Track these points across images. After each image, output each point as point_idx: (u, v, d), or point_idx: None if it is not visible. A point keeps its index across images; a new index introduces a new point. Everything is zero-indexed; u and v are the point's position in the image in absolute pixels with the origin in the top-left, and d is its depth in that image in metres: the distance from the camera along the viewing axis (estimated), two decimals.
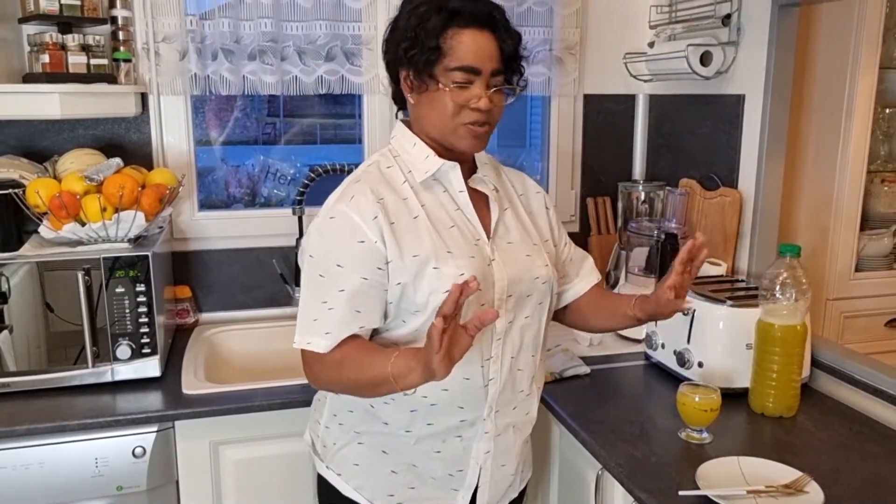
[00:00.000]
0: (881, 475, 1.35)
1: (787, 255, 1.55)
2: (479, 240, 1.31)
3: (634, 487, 1.33)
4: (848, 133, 2.15)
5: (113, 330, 1.73)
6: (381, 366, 1.17)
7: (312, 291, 1.27)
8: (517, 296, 1.33)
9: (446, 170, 1.32)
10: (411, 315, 1.27)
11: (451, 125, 1.27)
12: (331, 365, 1.25)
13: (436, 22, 1.23)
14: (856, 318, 2.29)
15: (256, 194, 2.63)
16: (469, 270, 1.25)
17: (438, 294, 1.23)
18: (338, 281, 1.23)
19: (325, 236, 1.27)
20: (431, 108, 1.28)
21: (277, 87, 2.12)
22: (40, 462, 1.58)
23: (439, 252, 1.25)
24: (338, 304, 1.23)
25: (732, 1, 1.96)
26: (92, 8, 1.90)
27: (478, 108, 1.25)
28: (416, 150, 1.32)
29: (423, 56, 1.23)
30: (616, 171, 2.49)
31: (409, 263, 1.24)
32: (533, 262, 1.36)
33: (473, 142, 1.29)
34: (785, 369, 1.56)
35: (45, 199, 1.69)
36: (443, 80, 1.24)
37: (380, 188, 1.27)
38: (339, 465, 1.39)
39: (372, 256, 1.23)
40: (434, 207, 1.30)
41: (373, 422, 1.33)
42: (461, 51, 1.23)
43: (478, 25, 1.24)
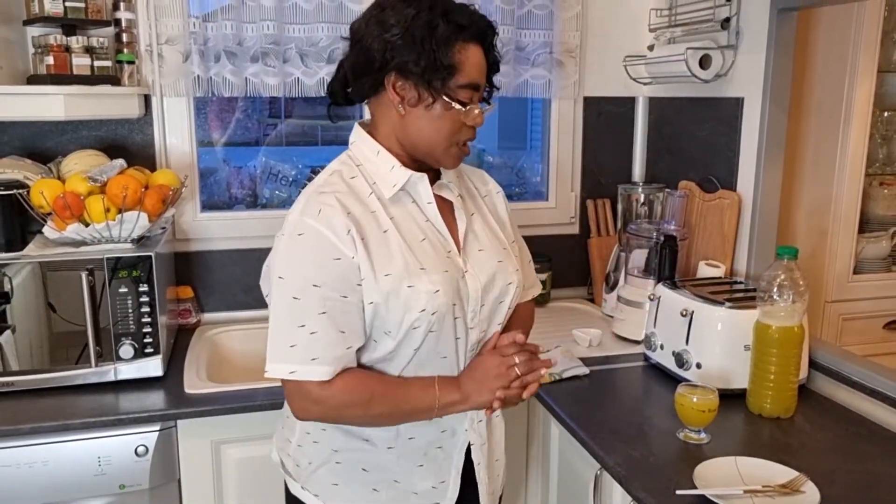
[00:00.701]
0: (877, 476, 1.36)
1: (785, 258, 1.56)
2: (450, 251, 1.25)
3: (632, 487, 1.34)
4: (846, 136, 2.16)
5: (116, 330, 1.74)
6: (423, 399, 1.22)
7: (286, 315, 1.17)
8: (491, 304, 1.29)
9: (414, 181, 1.24)
10: (383, 335, 1.21)
11: (445, 143, 1.22)
12: (354, 401, 1.20)
13: (446, 34, 1.16)
14: (854, 320, 2.30)
15: (258, 195, 2.63)
16: (443, 286, 1.20)
17: (413, 312, 1.17)
18: (316, 302, 1.15)
19: (295, 255, 1.17)
20: (429, 123, 1.21)
21: (279, 89, 2.13)
22: (44, 460, 1.59)
23: (412, 269, 1.19)
24: (321, 328, 1.15)
25: (731, 5, 1.97)
26: (96, 10, 1.92)
27: (474, 126, 1.23)
28: (379, 160, 1.24)
29: (437, 71, 1.16)
30: (616, 174, 2.50)
31: (382, 282, 1.17)
32: (504, 267, 1.31)
33: (459, 161, 1.26)
34: (782, 370, 1.57)
35: (49, 200, 1.70)
36: (454, 99, 1.18)
37: (346, 200, 1.19)
38: (315, 485, 1.32)
39: (350, 273, 1.16)
40: (403, 220, 1.23)
41: (351, 440, 1.28)
42: (468, 67, 1.18)
43: (478, 41, 1.20)
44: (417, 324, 1.19)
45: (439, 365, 1.26)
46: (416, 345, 1.21)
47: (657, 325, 1.85)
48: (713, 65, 2.02)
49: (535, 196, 2.58)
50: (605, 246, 2.45)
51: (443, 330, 1.22)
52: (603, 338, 2.07)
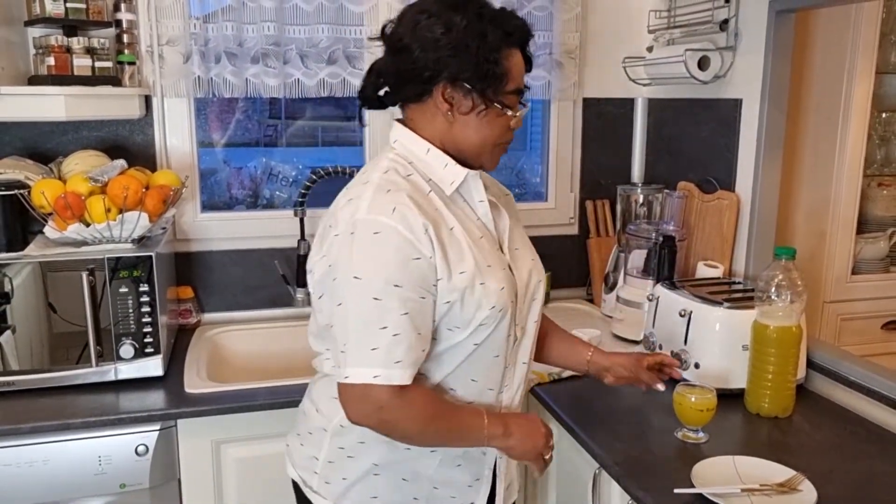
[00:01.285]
0: (874, 475, 1.36)
1: (783, 258, 1.57)
2: (498, 250, 1.28)
3: (631, 486, 1.35)
4: (845, 137, 2.17)
5: (116, 329, 1.75)
6: (474, 427, 1.23)
7: (366, 317, 1.12)
8: (528, 301, 1.32)
9: (469, 179, 1.25)
10: (449, 331, 1.20)
11: (490, 145, 1.24)
12: (420, 412, 1.18)
13: (496, 41, 1.17)
14: (853, 320, 2.31)
15: (258, 196, 2.64)
16: (506, 283, 1.22)
17: (484, 309, 1.18)
18: (398, 303, 1.12)
19: (373, 254, 1.12)
20: (478, 128, 1.22)
21: (280, 90, 2.14)
22: (44, 459, 1.60)
23: (482, 266, 1.19)
24: (403, 329, 1.12)
25: (730, 6, 1.98)
26: (97, 11, 1.92)
27: (515, 128, 1.26)
28: (430, 158, 1.23)
29: (492, 79, 1.17)
30: (615, 174, 2.50)
31: (458, 280, 1.16)
32: (536, 265, 1.36)
33: (497, 162, 1.29)
34: (780, 370, 1.58)
35: (50, 200, 1.71)
36: (507, 104, 1.21)
37: (416, 198, 1.17)
38: (351, 500, 1.29)
39: (429, 274, 1.14)
40: (462, 218, 1.23)
41: (393, 451, 1.25)
42: (515, 72, 1.21)
43: (519, 45, 1.23)
44: (486, 321, 1.20)
45: (490, 363, 1.27)
46: (479, 340, 1.22)
47: (656, 325, 1.85)
48: (712, 66, 2.03)
49: (534, 197, 2.59)
50: (604, 246, 2.46)
51: (502, 327, 1.24)
52: (602, 338, 2.07)
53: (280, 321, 2.26)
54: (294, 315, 2.28)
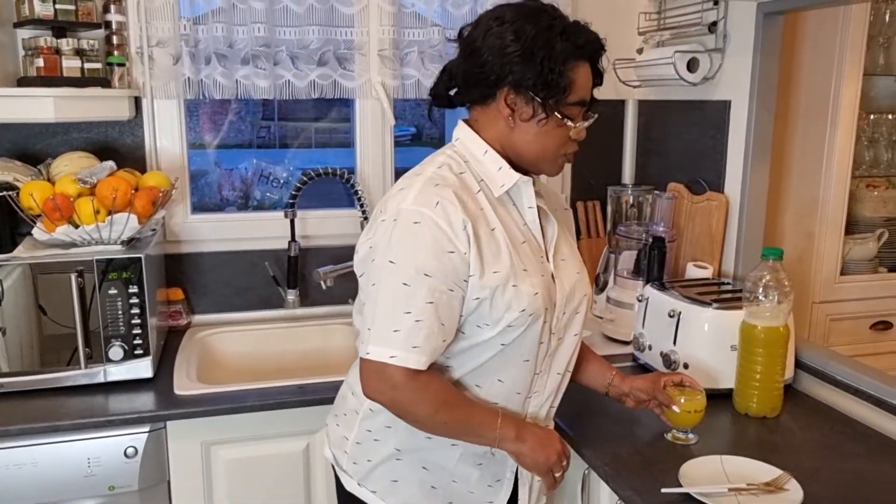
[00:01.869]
0: (861, 474, 1.37)
1: (770, 258, 1.58)
2: (542, 257, 1.30)
3: (619, 486, 1.35)
4: (833, 138, 2.18)
5: (106, 331, 1.75)
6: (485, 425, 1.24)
7: (394, 300, 1.17)
8: (570, 313, 1.33)
9: (520, 184, 1.27)
10: (478, 328, 1.23)
11: (552, 156, 1.27)
12: (432, 396, 1.21)
13: (564, 53, 1.20)
14: (841, 320, 2.32)
15: (249, 197, 2.64)
16: (541, 289, 1.24)
17: (514, 311, 1.21)
18: (425, 291, 1.16)
19: (410, 243, 1.17)
20: (538, 137, 1.24)
21: (270, 92, 2.14)
22: (33, 462, 1.59)
23: (517, 269, 1.22)
24: (426, 317, 1.16)
25: (719, 9, 1.99)
26: (86, 13, 1.92)
27: (577, 140, 1.27)
28: (487, 159, 1.27)
29: (555, 89, 1.20)
30: (606, 176, 2.51)
31: (490, 279, 1.19)
32: (582, 278, 1.37)
33: (560, 170, 1.31)
34: (768, 370, 1.59)
35: (38, 202, 1.71)
36: (568, 116, 1.23)
37: (462, 194, 1.21)
38: (374, 482, 1.34)
39: (461, 268, 1.18)
40: (507, 221, 1.26)
41: (415, 438, 1.28)
42: (580, 85, 1.23)
43: (588, 59, 1.25)
44: (515, 322, 1.22)
45: (519, 367, 1.29)
46: (507, 341, 1.24)
47: (646, 325, 1.86)
48: (701, 68, 2.04)
49: None
50: (594, 247, 2.46)
51: (532, 332, 1.26)
52: (592, 338, 2.08)
53: (270, 323, 2.26)
54: (285, 317, 2.28)
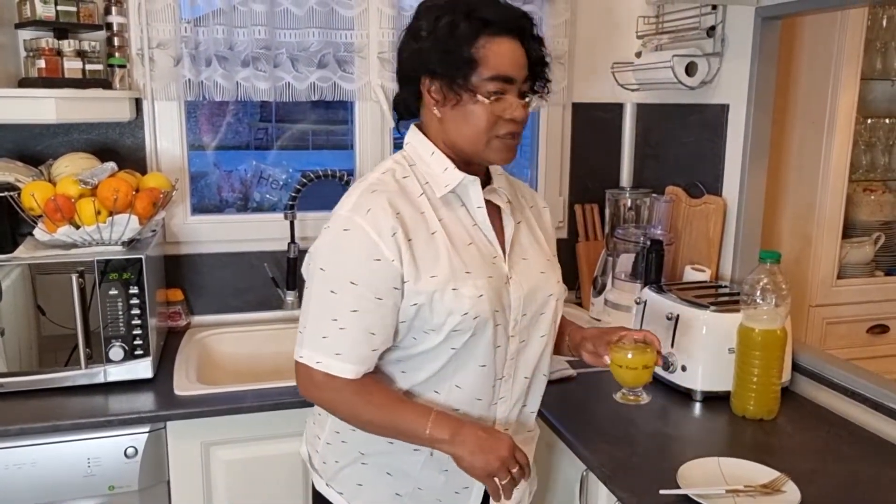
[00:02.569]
0: (857, 476, 1.38)
1: (768, 261, 1.59)
2: (496, 257, 1.27)
3: (617, 487, 1.36)
4: (830, 142, 2.19)
5: (106, 332, 1.75)
6: (413, 426, 1.20)
7: (322, 307, 1.20)
8: (532, 314, 1.30)
9: (466, 184, 1.25)
10: (424, 334, 1.23)
11: (485, 138, 1.21)
12: (352, 397, 1.22)
13: (467, 31, 1.17)
14: (838, 324, 2.33)
15: (249, 199, 2.65)
16: (487, 291, 1.22)
17: (456, 315, 1.19)
18: (351, 300, 1.18)
19: (338, 250, 1.20)
20: (464, 121, 1.21)
21: (270, 94, 2.14)
22: (33, 461, 1.60)
23: (458, 272, 1.21)
24: (350, 325, 1.18)
25: (717, 13, 2.00)
26: (88, 14, 1.93)
27: (513, 119, 1.21)
28: (433, 160, 1.26)
29: (458, 67, 1.18)
30: (604, 179, 2.52)
31: (426, 284, 1.19)
32: (547, 278, 1.34)
33: (507, 154, 1.25)
34: (765, 373, 1.59)
35: (40, 202, 1.71)
36: (480, 92, 1.19)
37: (397, 201, 1.21)
38: (340, 483, 1.34)
39: (388, 276, 1.18)
40: (452, 223, 1.25)
41: (378, 442, 1.28)
42: (495, 60, 1.18)
43: (510, 34, 1.20)
44: (459, 326, 1.20)
45: (477, 373, 1.26)
46: (457, 346, 1.23)
47: (643, 328, 1.86)
48: (699, 72, 2.05)
49: None
50: (592, 250, 2.47)
51: (483, 336, 1.23)
52: None
53: (269, 324, 2.26)
54: (284, 318, 2.28)
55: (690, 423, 1.64)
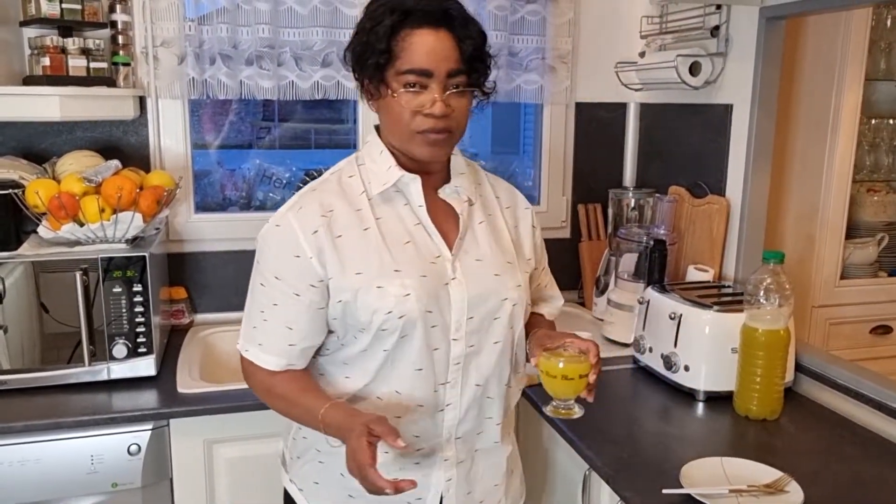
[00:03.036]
0: (860, 476, 1.38)
1: (771, 262, 1.59)
2: (438, 257, 1.23)
3: (620, 487, 1.36)
4: (834, 143, 2.19)
5: (109, 329, 1.75)
6: (308, 419, 1.20)
7: (253, 298, 1.26)
8: (481, 318, 1.24)
9: (406, 181, 1.23)
10: (359, 332, 1.21)
11: (406, 133, 1.19)
12: (260, 386, 1.27)
13: (387, 24, 1.15)
14: (841, 324, 2.33)
15: (252, 197, 2.65)
16: (416, 290, 1.18)
17: (380, 314, 1.17)
18: (273, 293, 1.22)
19: (268, 244, 1.23)
20: (388, 115, 1.20)
21: (274, 92, 2.14)
22: (36, 458, 1.60)
23: (385, 270, 1.18)
24: (271, 318, 1.23)
25: (721, 13, 2.00)
26: (92, 12, 1.93)
27: (432, 114, 1.16)
28: (380, 159, 1.25)
29: (373, 60, 1.16)
30: (607, 178, 2.52)
31: (352, 281, 1.18)
32: (502, 282, 1.26)
33: (430, 150, 1.20)
34: (768, 373, 1.59)
35: (44, 200, 1.71)
36: (394, 86, 1.16)
37: (332, 200, 1.22)
38: (300, 479, 1.35)
39: (306, 273, 1.19)
40: (390, 221, 1.23)
41: (324, 442, 1.27)
42: (411, 53, 1.14)
43: (431, 24, 1.15)
44: (386, 326, 1.18)
45: (414, 377, 1.22)
46: (388, 346, 1.20)
47: (646, 328, 1.87)
48: (703, 72, 2.04)
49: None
50: (595, 250, 2.47)
51: (414, 337, 1.20)
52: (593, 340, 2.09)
53: None
54: None
55: (693, 422, 1.64)
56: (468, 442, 1.30)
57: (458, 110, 1.19)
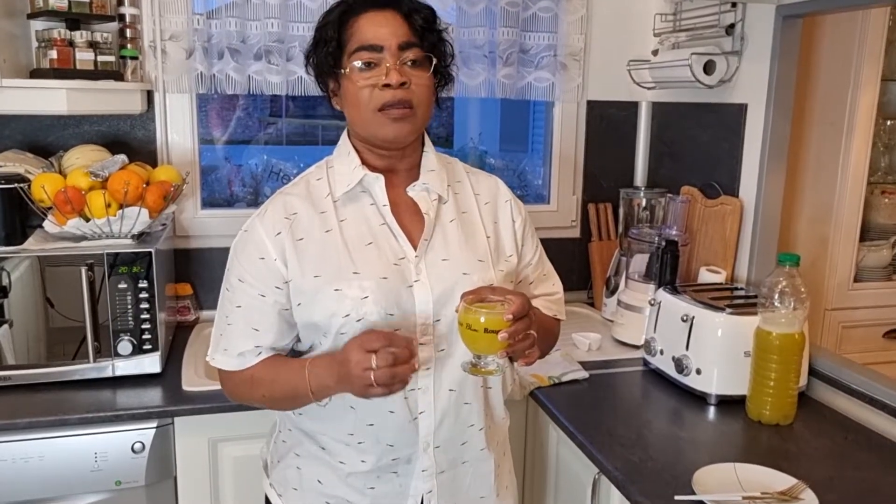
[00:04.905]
0: (875, 484, 1.36)
1: (786, 264, 1.56)
2: (402, 258, 1.20)
3: (631, 492, 1.34)
4: (849, 144, 2.16)
5: (114, 325, 1.74)
6: (294, 381, 1.17)
7: (220, 306, 1.26)
8: (449, 320, 1.18)
9: (370, 181, 1.22)
10: (322, 336, 1.20)
11: (368, 115, 1.17)
12: (241, 383, 1.24)
13: (335, 16, 1.18)
14: (854, 328, 2.30)
15: (259, 193, 2.63)
16: (374, 293, 1.15)
17: (338, 317, 1.16)
18: (237, 296, 1.22)
19: (235, 249, 1.24)
20: (349, 104, 1.20)
21: (282, 87, 2.13)
22: (40, 455, 1.58)
23: (344, 272, 1.17)
24: (235, 321, 1.22)
25: (736, 11, 1.97)
26: (100, 5, 1.91)
27: (388, 85, 1.14)
28: (347, 160, 1.24)
29: (325, 50, 1.18)
30: (618, 178, 2.50)
31: (310, 283, 1.17)
32: (471, 280, 1.20)
33: (394, 127, 1.17)
34: (782, 377, 1.57)
35: (50, 194, 1.70)
36: (348, 68, 1.17)
37: (296, 203, 1.22)
38: (279, 484, 1.33)
39: (270, 274, 1.19)
40: (354, 222, 1.21)
41: (310, 444, 1.27)
42: (360, 33, 1.16)
43: (376, 7, 1.17)
44: (344, 329, 1.16)
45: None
46: None
47: (657, 330, 1.85)
48: (717, 70, 2.02)
49: (536, 199, 2.58)
50: (605, 250, 2.45)
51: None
52: (603, 342, 2.07)
53: None
54: None
55: (705, 427, 1.61)
56: (449, 452, 1.25)
57: (416, 84, 1.17)
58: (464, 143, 3.35)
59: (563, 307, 1.43)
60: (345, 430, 1.22)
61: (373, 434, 1.21)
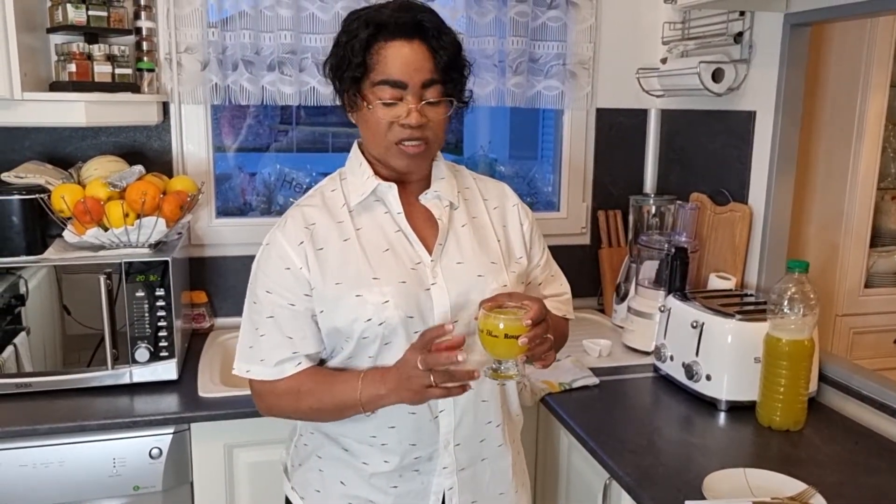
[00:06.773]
0: (885, 490, 1.36)
1: (796, 271, 1.57)
2: (418, 263, 1.23)
3: (641, 497, 1.35)
4: (858, 150, 2.17)
5: (132, 333, 1.77)
6: (346, 392, 1.19)
7: (247, 318, 1.27)
8: (466, 321, 1.21)
9: (383, 190, 1.25)
10: (344, 342, 1.23)
11: (384, 144, 1.20)
12: (285, 395, 1.24)
13: (362, 37, 1.17)
14: (865, 334, 2.30)
15: (272, 202, 2.66)
16: (396, 298, 1.19)
17: (360, 322, 1.18)
18: (267, 307, 1.23)
19: (259, 263, 1.26)
20: (366, 127, 1.22)
21: (296, 98, 2.16)
22: (60, 461, 1.62)
23: (364, 279, 1.20)
24: (268, 331, 1.23)
25: (745, 19, 1.99)
26: (118, 19, 1.95)
27: (408, 125, 1.17)
28: (360, 171, 1.27)
29: (350, 73, 1.19)
30: (627, 185, 2.51)
31: (332, 291, 1.20)
32: (486, 282, 1.24)
33: (408, 161, 1.22)
34: (792, 383, 1.58)
35: (69, 205, 1.73)
36: (370, 98, 1.19)
37: (314, 213, 1.25)
38: (301, 487, 1.35)
39: (297, 283, 1.21)
40: (370, 230, 1.25)
41: (332, 446, 1.29)
42: (385, 64, 1.17)
43: (405, 36, 1.17)
44: (367, 333, 1.19)
45: None
46: (372, 353, 1.22)
47: (667, 336, 1.86)
48: (726, 78, 2.03)
49: (546, 206, 2.60)
50: (615, 257, 2.46)
51: (397, 343, 1.20)
52: (613, 348, 2.08)
53: None
54: None
55: (715, 432, 1.62)
56: (469, 449, 1.29)
57: (434, 121, 1.20)
58: (474, 151, 3.37)
59: (571, 307, 1.47)
60: (367, 432, 1.25)
61: (395, 435, 1.24)
